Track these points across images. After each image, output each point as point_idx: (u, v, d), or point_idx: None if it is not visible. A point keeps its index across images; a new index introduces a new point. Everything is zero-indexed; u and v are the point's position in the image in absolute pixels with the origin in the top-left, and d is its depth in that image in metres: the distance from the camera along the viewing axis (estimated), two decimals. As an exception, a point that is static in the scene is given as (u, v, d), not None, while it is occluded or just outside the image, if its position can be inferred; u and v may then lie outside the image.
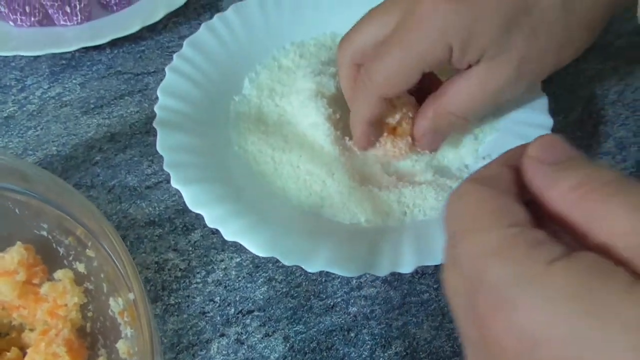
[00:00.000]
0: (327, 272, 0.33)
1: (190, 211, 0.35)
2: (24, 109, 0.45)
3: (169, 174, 0.36)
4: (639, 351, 0.14)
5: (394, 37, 0.32)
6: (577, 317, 0.15)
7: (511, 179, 0.20)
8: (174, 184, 0.35)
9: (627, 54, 0.47)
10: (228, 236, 0.33)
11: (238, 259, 0.37)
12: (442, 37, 0.31)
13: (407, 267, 0.31)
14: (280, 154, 0.39)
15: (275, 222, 0.34)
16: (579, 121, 0.43)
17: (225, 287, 0.35)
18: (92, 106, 0.45)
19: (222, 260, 0.37)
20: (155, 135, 0.41)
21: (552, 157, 0.19)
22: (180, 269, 0.36)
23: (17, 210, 0.29)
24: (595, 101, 0.44)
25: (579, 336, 0.15)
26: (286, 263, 0.31)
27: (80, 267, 0.29)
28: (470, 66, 0.33)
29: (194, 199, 0.34)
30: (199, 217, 0.35)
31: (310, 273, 0.35)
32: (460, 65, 0.33)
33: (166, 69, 0.41)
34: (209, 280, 0.36)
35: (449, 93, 0.34)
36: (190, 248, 0.37)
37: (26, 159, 0.42)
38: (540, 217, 0.19)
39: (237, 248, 0.37)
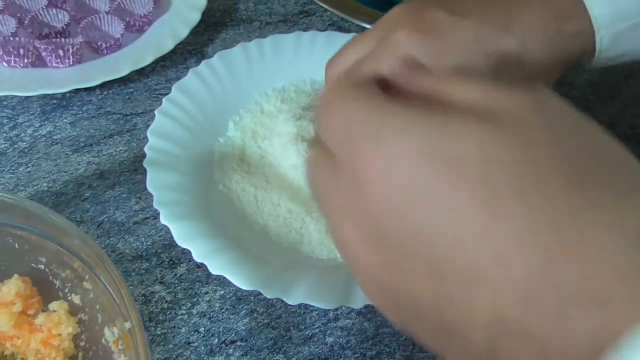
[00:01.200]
0: (306, 304, 0.35)
1: (176, 246, 0.37)
2: (16, 146, 0.47)
3: (156, 211, 0.38)
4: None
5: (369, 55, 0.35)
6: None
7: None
8: (163, 220, 0.37)
9: (579, 105, 0.51)
10: (214, 270, 0.35)
11: (222, 292, 0.39)
12: None
13: (380, 300, 0.34)
14: (262, 193, 0.42)
15: (257, 257, 0.37)
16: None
17: (210, 318, 0.37)
18: (82, 144, 0.47)
19: (206, 293, 0.39)
20: (142, 173, 0.43)
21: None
22: (167, 301, 0.38)
23: (16, 245, 0.31)
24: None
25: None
26: (268, 296, 0.34)
27: (76, 299, 0.31)
28: None
29: (182, 235, 0.36)
30: (184, 252, 0.38)
31: (290, 305, 0.37)
32: None
33: (156, 112, 0.44)
34: (194, 311, 0.38)
35: None
36: (176, 281, 0.39)
37: (17, 195, 0.43)
38: None
39: (221, 281, 0.39)
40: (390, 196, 0.18)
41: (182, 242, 0.36)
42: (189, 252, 0.37)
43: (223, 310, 0.38)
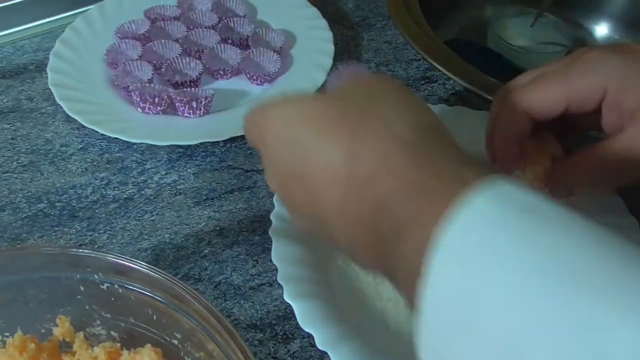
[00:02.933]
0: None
1: (291, 319, 0.37)
2: (142, 192, 0.48)
3: (272, 277, 0.38)
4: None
5: (553, 70, 0.36)
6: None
7: None
8: (287, 298, 0.37)
9: None
10: (337, 362, 0.34)
11: (335, 377, 0.38)
12: (601, 79, 0.34)
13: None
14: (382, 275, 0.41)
15: (378, 350, 0.35)
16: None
17: (322, 405, 0.36)
18: (203, 197, 0.48)
19: (319, 376, 0.38)
20: (260, 234, 0.43)
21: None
22: (279, 379, 0.38)
23: (154, 317, 0.31)
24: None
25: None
26: (392, 399, 0.32)
27: (206, 381, 0.30)
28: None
29: (305, 318, 0.36)
30: (298, 327, 0.37)
31: (405, 405, 0.36)
32: (611, 118, 0.35)
33: (282, 177, 0.44)
34: (306, 395, 0.37)
35: (606, 146, 0.35)
36: (289, 358, 0.39)
37: (141, 243, 0.45)
38: None
39: (335, 366, 0.38)
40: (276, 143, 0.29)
41: (305, 325, 0.36)
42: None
43: (335, 397, 0.37)
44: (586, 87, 0.34)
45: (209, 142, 0.52)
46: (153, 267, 0.30)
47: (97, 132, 0.51)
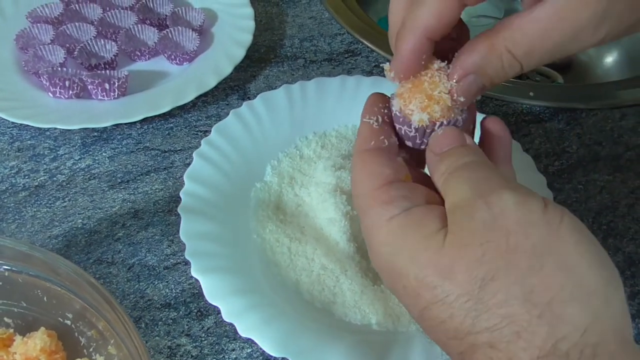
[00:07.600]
0: (336, 373, 0.33)
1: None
2: (55, 178, 0.47)
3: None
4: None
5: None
6: (395, 253, 0.26)
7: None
8: (194, 273, 0.36)
9: (636, 167, 0.48)
10: (243, 332, 0.34)
11: (249, 350, 0.37)
12: None
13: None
14: (297, 245, 0.40)
15: (288, 320, 0.35)
16: (588, 232, 0.44)
17: (235, 379, 0.36)
18: (118, 180, 0.47)
19: (233, 350, 0.37)
20: (176, 214, 0.42)
21: (438, 148, 0.28)
22: (192, 356, 0.37)
23: (45, 298, 0.30)
24: (604, 213, 0.46)
25: (395, 261, 0.26)
26: (297, 365, 0.32)
27: (100, 360, 0.30)
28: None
29: (212, 291, 0.35)
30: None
31: (318, 371, 0.36)
32: None
33: (194, 154, 0.43)
34: (219, 370, 0.37)
35: (512, 25, 0.27)
36: (203, 334, 0.38)
37: (52, 230, 0.43)
38: None
39: (249, 338, 0.38)
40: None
41: (211, 298, 0.35)
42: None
43: (249, 370, 0.37)
44: None
45: (125, 124, 0.51)
46: (37, 246, 0.29)
47: (6, 120, 0.49)
